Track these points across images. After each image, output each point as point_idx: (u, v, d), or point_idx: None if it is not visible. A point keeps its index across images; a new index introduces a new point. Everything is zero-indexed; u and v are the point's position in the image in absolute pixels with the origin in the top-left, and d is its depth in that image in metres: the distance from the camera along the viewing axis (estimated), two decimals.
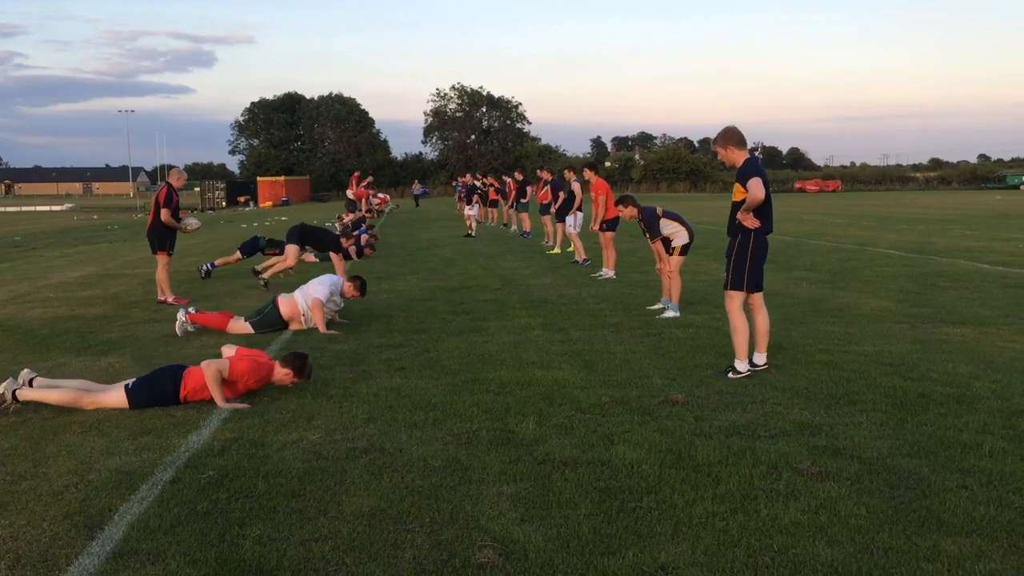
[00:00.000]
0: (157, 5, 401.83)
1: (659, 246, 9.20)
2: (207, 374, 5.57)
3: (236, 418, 5.31)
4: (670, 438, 4.73)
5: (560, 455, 4.48)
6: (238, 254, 13.85)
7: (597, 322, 8.66)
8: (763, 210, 6.11)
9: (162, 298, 10.55)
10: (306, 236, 12.24)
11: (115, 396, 5.58)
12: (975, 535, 3.45)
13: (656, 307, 9.40)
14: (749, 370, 6.29)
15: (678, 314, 8.88)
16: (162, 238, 10.58)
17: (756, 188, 5.96)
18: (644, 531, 3.54)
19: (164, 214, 10.42)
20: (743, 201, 6.08)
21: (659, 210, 9.22)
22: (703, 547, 3.38)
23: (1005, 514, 3.64)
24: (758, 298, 6.40)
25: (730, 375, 6.19)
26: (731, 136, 6.24)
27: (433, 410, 5.40)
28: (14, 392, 5.51)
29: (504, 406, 5.45)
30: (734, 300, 6.30)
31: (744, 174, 6.05)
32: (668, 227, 9.09)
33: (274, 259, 12.80)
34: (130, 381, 5.71)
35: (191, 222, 11.17)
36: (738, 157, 6.18)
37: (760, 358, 6.37)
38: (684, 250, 9.12)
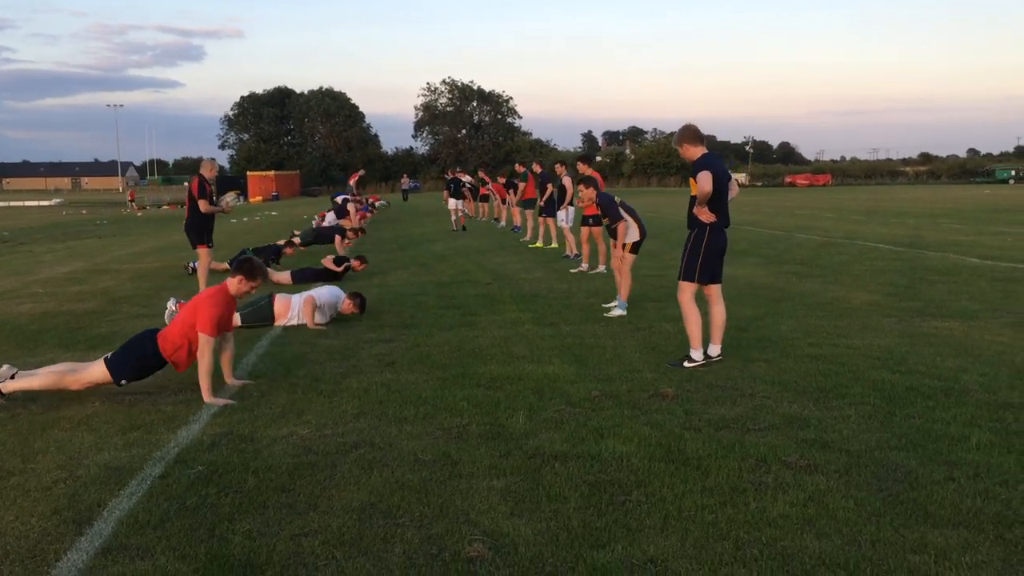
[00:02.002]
0: None
1: (621, 229, 8.90)
2: (201, 346, 5.56)
3: (225, 413, 5.30)
4: (660, 432, 4.74)
5: (550, 449, 4.48)
6: (226, 265, 13.85)
7: (587, 316, 8.67)
8: (717, 205, 6.24)
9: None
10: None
11: (97, 371, 5.59)
12: (962, 527, 3.47)
13: (612, 305, 9.05)
14: (705, 360, 6.41)
15: (625, 312, 8.67)
16: (199, 231, 10.55)
17: (703, 181, 6.07)
18: (633, 524, 3.55)
19: (203, 205, 10.35)
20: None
21: (617, 199, 9.18)
22: (692, 540, 3.39)
23: (992, 506, 3.67)
24: (716, 290, 6.52)
25: (685, 364, 6.32)
26: (686, 134, 6.37)
27: (423, 404, 5.40)
28: None
29: (494, 400, 5.46)
30: (685, 291, 6.45)
31: (695, 168, 6.19)
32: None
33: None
34: (108, 354, 5.73)
35: (228, 198, 11.32)
36: (694, 153, 6.30)
37: (715, 349, 6.52)
38: (635, 248, 9.06)
